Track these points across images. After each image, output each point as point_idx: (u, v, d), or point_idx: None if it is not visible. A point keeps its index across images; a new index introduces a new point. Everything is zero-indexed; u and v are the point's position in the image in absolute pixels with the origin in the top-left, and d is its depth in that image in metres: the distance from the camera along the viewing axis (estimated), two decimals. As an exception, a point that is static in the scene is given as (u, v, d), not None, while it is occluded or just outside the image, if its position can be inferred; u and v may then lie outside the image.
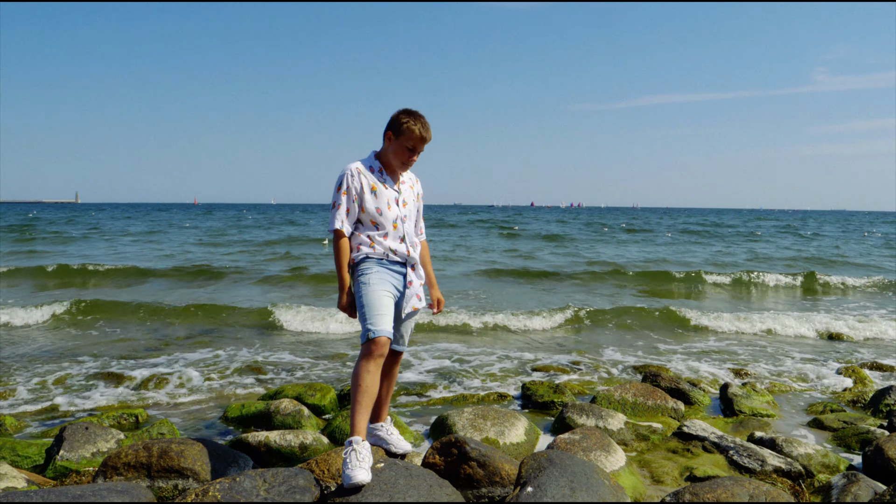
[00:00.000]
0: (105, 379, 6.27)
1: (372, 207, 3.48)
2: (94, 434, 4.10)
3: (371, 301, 3.36)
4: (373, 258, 3.47)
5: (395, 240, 3.52)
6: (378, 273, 3.45)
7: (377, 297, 3.37)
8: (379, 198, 3.50)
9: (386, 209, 3.50)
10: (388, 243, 3.50)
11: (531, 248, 25.24)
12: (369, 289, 3.39)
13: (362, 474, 3.00)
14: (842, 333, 9.20)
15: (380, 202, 3.50)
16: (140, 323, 9.61)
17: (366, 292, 3.39)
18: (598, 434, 4.07)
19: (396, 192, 3.56)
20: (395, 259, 3.52)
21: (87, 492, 2.98)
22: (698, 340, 8.78)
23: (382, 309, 3.35)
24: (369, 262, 3.46)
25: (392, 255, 3.51)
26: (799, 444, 4.24)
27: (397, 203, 3.54)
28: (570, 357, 7.52)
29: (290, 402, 4.99)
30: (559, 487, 2.95)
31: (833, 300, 13.28)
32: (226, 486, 2.95)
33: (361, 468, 3.02)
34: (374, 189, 3.50)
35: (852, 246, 28.91)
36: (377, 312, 3.33)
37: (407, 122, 3.46)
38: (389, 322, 3.35)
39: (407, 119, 3.47)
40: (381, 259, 3.48)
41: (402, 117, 3.48)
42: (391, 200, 3.52)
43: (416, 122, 3.46)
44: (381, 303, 3.37)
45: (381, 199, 3.50)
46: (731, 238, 34.12)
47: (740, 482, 3.09)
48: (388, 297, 3.42)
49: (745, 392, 5.67)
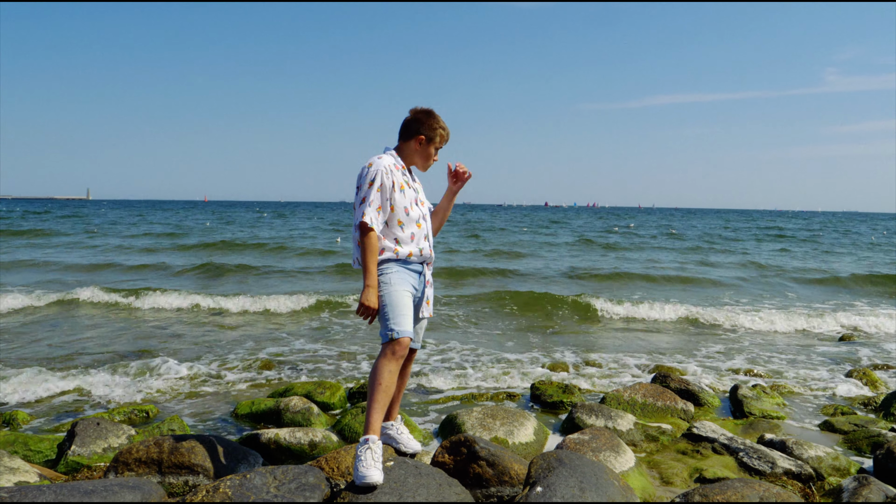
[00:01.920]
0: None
1: (400, 206, 3.44)
2: (105, 430, 4.13)
3: (393, 301, 3.35)
4: (396, 258, 3.44)
5: (420, 239, 3.51)
6: (399, 273, 3.43)
7: (399, 298, 3.36)
8: (406, 197, 3.47)
9: (412, 208, 3.48)
10: (415, 244, 3.48)
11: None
12: (391, 289, 3.37)
13: (376, 474, 3.00)
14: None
15: (407, 201, 3.47)
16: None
17: (388, 292, 3.37)
18: (608, 434, 4.07)
19: (415, 192, 3.56)
20: (418, 258, 3.50)
21: (99, 487, 3.00)
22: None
23: (405, 309, 3.34)
24: (391, 262, 3.45)
25: (417, 256, 3.48)
26: (809, 446, 4.22)
27: (418, 203, 3.54)
28: (580, 357, 7.51)
29: (299, 400, 5.00)
30: (569, 488, 2.95)
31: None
32: (236, 482, 2.97)
33: (375, 468, 3.02)
34: (403, 188, 3.47)
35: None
36: (400, 313, 3.32)
37: (437, 126, 3.50)
38: (411, 322, 3.35)
39: (436, 123, 3.50)
40: (404, 259, 3.46)
41: (431, 122, 3.50)
42: (413, 200, 3.52)
43: (443, 125, 3.51)
44: (403, 303, 3.35)
45: (408, 199, 3.48)
46: (827, 243, 31.24)
47: (750, 484, 3.08)
48: (408, 297, 3.41)
49: (755, 394, 5.65)
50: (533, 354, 7.61)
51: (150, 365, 6.62)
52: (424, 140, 3.51)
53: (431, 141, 3.51)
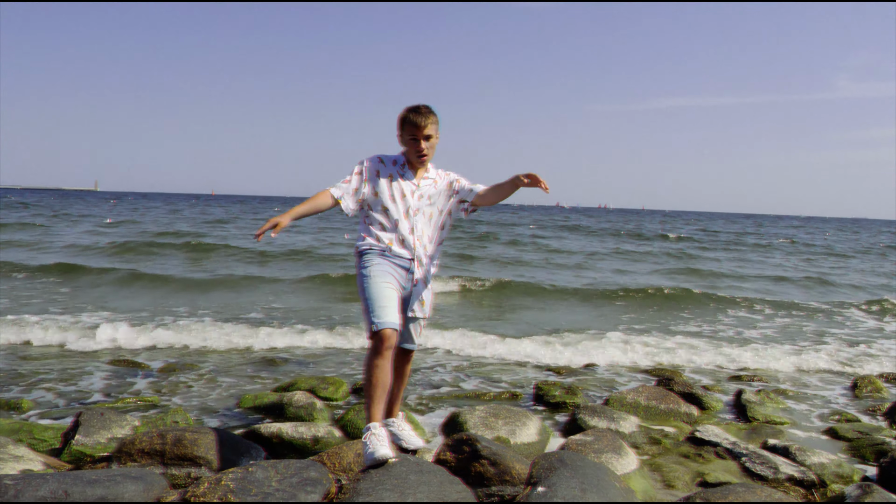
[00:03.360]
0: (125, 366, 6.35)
1: (386, 194, 3.53)
2: (109, 420, 4.15)
3: (373, 294, 3.37)
4: (375, 249, 3.49)
5: (405, 230, 3.53)
6: (380, 265, 3.45)
7: (380, 290, 3.38)
8: (393, 186, 3.55)
9: (399, 197, 3.54)
10: (396, 234, 3.51)
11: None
12: (371, 281, 3.40)
13: (384, 450, 3.09)
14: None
15: (394, 190, 3.54)
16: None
17: (368, 285, 3.40)
18: (610, 436, 4.06)
19: (414, 186, 3.57)
20: (401, 253, 3.52)
21: (102, 476, 3.02)
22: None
23: (385, 301, 3.36)
24: (371, 253, 3.48)
25: (398, 248, 3.50)
26: (813, 452, 4.21)
27: (412, 194, 3.56)
28: (585, 359, 7.49)
29: (303, 395, 5.02)
30: (570, 488, 2.94)
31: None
32: (238, 475, 2.98)
33: (382, 446, 3.11)
34: (391, 177, 3.56)
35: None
36: (380, 304, 3.34)
37: (400, 114, 3.55)
38: (394, 313, 3.35)
39: (402, 112, 3.55)
40: (384, 251, 3.49)
41: (399, 118, 3.57)
42: (406, 190, 3.56)
43: (408, 110, 3.52)
44: (383, 294, 3.37)
45: (396, 188, 3.55)
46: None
47: (752, 489, 3.08)
48: (390, 289, 3.42)
49: (759, 399, 5.63)
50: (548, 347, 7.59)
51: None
52: (399, 134, 3.60)
53: (401, 130, 3.57)
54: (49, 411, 4.93)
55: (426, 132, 3.50)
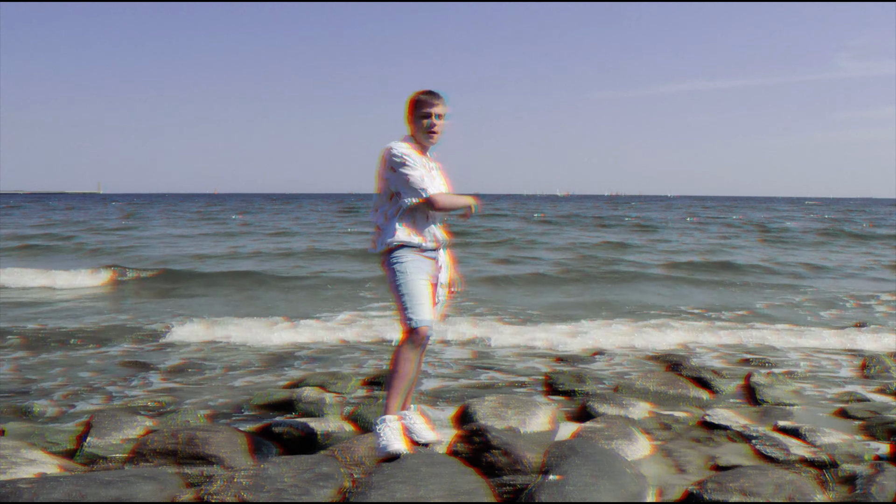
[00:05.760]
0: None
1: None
2: (121, 421, 4.18)
3: (411, 291, 3.40)
4: (408, 246, 3.48)
5: (436, 219, 3.56)
6: (415, 262, 3.47)
7: (416, 287, 3.42)
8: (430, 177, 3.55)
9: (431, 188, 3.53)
10: (430, 225, 3.53)
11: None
12: (408, 278, 3.43)
13: (397, 444, 3.15)
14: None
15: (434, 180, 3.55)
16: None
17: (404, 281, 3.42)
18: (621, 423, 4.07)
19: (436, 176, 3.61)
20: (431, 245, 3.54)
21: (116, 477, 3.04)
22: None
23: (422, 298, 3.41)
24: (405, 249, 3.48)
25: (431, 242, 3.52)
26: (824, 433, 4.20)
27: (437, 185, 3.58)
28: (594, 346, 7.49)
29: (313, 390, 5.04)
30: (582, 476, 2.95)
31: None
32: (251, 473, 2.99)
33: (396, 440, 3.17)
34: (427, 168, 3.55)
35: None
36: (418, 302, 3.39)
37: (411, 97, 3.54)
38: (429, 311, 3.42)
39: (412, 95, 3.54)
40: (417, 246, 3.49)
41: (411, 100, 3.56)
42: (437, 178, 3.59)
43: (419, 92, 3.53)
44: (420, 292, 3.42)
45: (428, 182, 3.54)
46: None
47: (765, 471, 3.08)
48: (425, 285, 3.47)
49: (768, 381, 5.63)
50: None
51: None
52: (409, 116, 3.56)
53: (413, 109, 3.53)
54: (61, 414, 4.96)
55: (437, 110, 3.52)
